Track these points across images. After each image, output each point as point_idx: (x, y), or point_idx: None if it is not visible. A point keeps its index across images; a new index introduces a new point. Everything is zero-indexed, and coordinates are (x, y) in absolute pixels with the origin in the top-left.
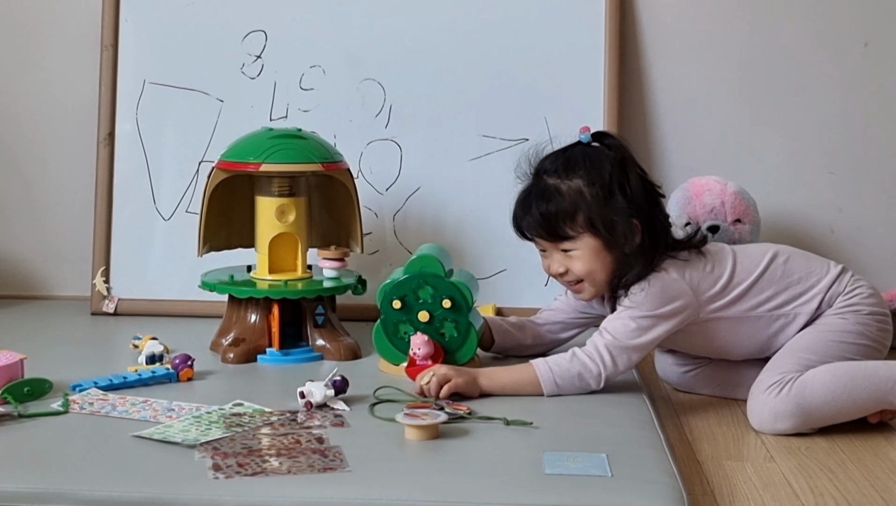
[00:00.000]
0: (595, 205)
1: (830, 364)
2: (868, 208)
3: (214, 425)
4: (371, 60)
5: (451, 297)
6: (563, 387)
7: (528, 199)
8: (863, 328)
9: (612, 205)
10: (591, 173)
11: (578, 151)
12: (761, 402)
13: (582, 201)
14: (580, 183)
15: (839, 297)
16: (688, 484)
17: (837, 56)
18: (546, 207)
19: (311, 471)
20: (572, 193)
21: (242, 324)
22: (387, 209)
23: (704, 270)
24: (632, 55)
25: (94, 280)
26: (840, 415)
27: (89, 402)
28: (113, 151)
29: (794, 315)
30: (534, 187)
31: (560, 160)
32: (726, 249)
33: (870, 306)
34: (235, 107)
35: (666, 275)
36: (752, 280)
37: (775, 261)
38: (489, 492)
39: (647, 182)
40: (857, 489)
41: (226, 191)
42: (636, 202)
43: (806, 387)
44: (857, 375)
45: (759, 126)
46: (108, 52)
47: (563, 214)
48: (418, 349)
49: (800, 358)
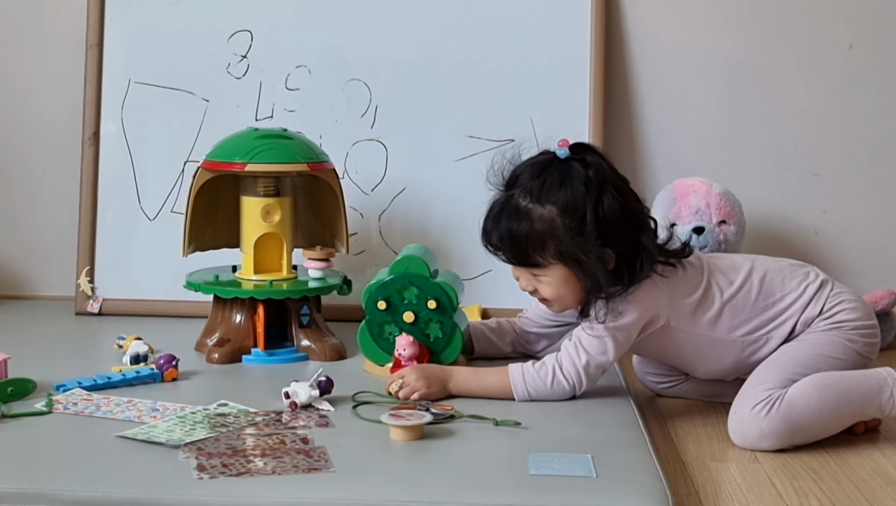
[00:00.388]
0: (566, 236)
1: (814, 377)
2: (852, 210)
3: (199, 426)
4: (357, 61)
5: (437, 297)
6: (535, 397)
7: (499, 216)
8: (849, 344)
9: (585, 235)
10: (564, 200)
11: (554, 170)
12: (748, 421)
13: (553, 231)
14: (553, 211)
15: (818, 320)
16: (672, 485)
17: (822, 58)
18: (516, 230)
19: (296, 471)
20: (544, 221)
21: (227, 324)
22: (372, 210)
23: (681, 280)
24: (617, 56)
25: (79, 280)
26: (825, 432)
27: (73, 402)
28: (98, 150)
29: (765, 340)
30: (506, 205)
31: (535, 181)
32: (703, 262)
33: (854, 321)
34: (221, 107)
35: (641, 291)
36: (723, 302)
37: (749, 280)
38: (474, 493)
39: (627, 203)
40: (841, 490)
41: (211, 191)
42: (611, 230)
43: (793, 407)
44: (842, 391)
45: (744, 128)
46: (93, 52)
47: (534, 242)
48: (403, 350)
49: (786, 372)
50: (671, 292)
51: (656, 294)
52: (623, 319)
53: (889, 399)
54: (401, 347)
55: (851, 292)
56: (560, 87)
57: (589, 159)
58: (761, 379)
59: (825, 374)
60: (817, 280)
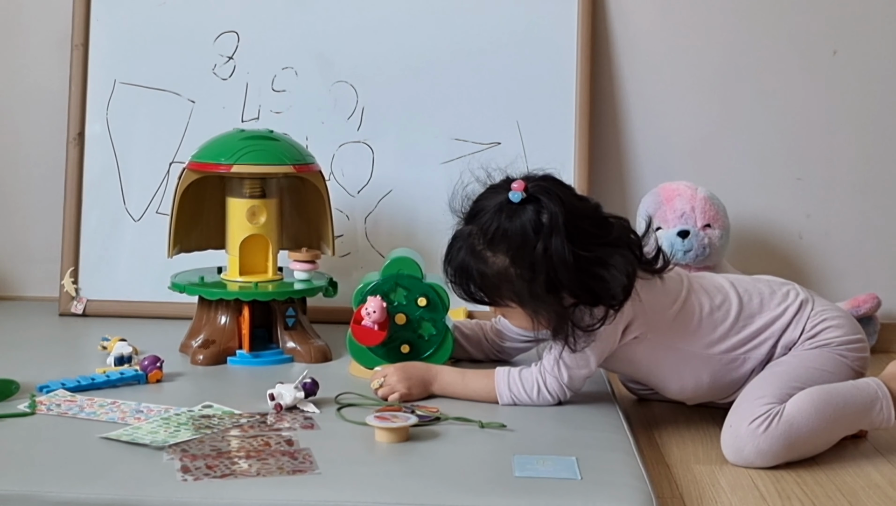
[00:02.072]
0: (519, 285)
1: (809, 392)
2: (836, 214)
3: (183, 427)
4: (344, 63)
5: (427, 296)
6: (520, 404)
7: (459, 254)
8: (841, 358)
9: (538, 285)
10: (514, 249)
11: (506, 215)
12: (745, 437)
13: (507, 279)
14: (505, 261)
15: (802, 341)
16: (657, 487)
17: (806, 63)
18: (472, 274)
19: (281, 473)
20: (498, 269)
21: (212, 326)
22: (358, 212)
23: (660, 291)
24: (604, 60)
25: (63, 281)
26: (817, 449)
27: (56, 403)
28: (83, 150)
29: (743, 359)
30: (464, 244)
31: (490, 224)
32: (683, 277)
33: (839, 337)
34: (207, 108)
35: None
36: (701, 317)
37: (728, 300)
38: (459, 495)
39: (586, 244)
40: (824, 493)
41: (196, 192)
42: (562, 278)
43: (793, 424)
44: (838, 406)
45: (729, 132)
46: (78, 52)
47: (489, 288)
48: (373, 311)
49: (784, 387)
50: (648, 299)
51: (633, 298)
52: (600, 335)
53: (879, 413)
54: (372, 307)
55: (835, 308)
56: (546, 92)
57: (544, 201)
58: (759, 393)
59: (820, 388)
60: (797, 300)
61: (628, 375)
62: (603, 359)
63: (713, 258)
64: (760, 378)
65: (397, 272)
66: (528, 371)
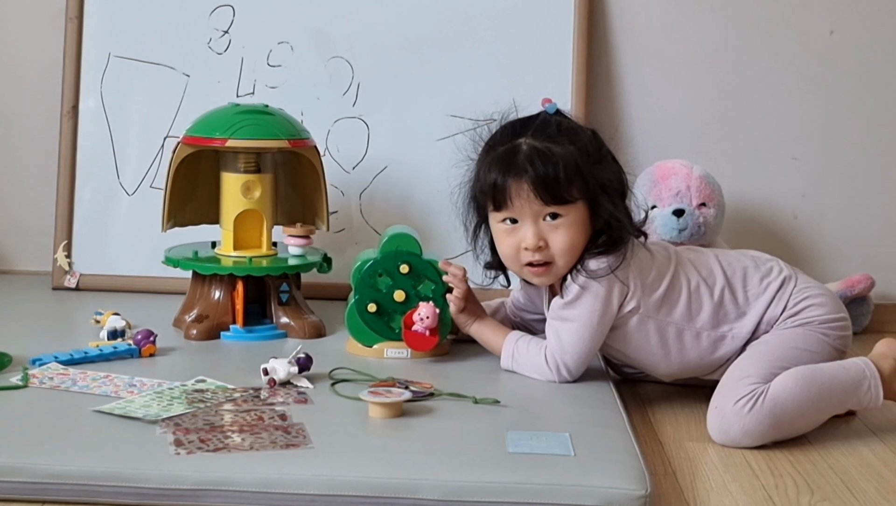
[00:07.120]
0: (587, 168)
1: (795, 371)
2: (831, 195)
3: (176, 401)
4: (339, 38)
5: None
6: (518, 371)
7: (515, 160)
8: (823, 337)
9: (605, 166)
10: (576, 139)
11: (552, 120)
12: (730, 417)
13: (578, 164)
14: (571, 148)
15: (783, 318)
16: (650, 464)
17: (803, 43)
18: (545, 170)
19: (274, 447)
20: (568, 156)
21: (206, 300)
22: (353, 188)
23: (648, 265)
24: (600, 37)
25: (56, 255)
26: (805, 428)
27: (49, 376)
28: (76, 124)
29: (730, 337)
30: (518, 149)
31: (537, 125)
32: (671, 252)
33: (821, 316)
34: (202, 82)
35: (608, 280)
36: (689, 291)
37: (713, 275)
38: (452, 470)
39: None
40: (816, 470)
41: (191, 166)
42: (617, 170)
43: (777, 403)
44: (824, 385)
45: (725, 111)
46: (72, 24)
47: (566, 175)
48: (426, 316)
49: (768, 366)
50: (641, 271)
51: (625, 266)
52: (594, 314)
53: (867, 392)
54: (424, 313)
55: (818, 286)
56: (542, 68)
57: (573, 117)
58: (742, 373)
59: (805, 368)
60: (780, 277)
61: (617, 354)
62: (602, 340)
63: (708, 237)
64: (744, 358)
65: (396, 249)
66: (535, 345)
